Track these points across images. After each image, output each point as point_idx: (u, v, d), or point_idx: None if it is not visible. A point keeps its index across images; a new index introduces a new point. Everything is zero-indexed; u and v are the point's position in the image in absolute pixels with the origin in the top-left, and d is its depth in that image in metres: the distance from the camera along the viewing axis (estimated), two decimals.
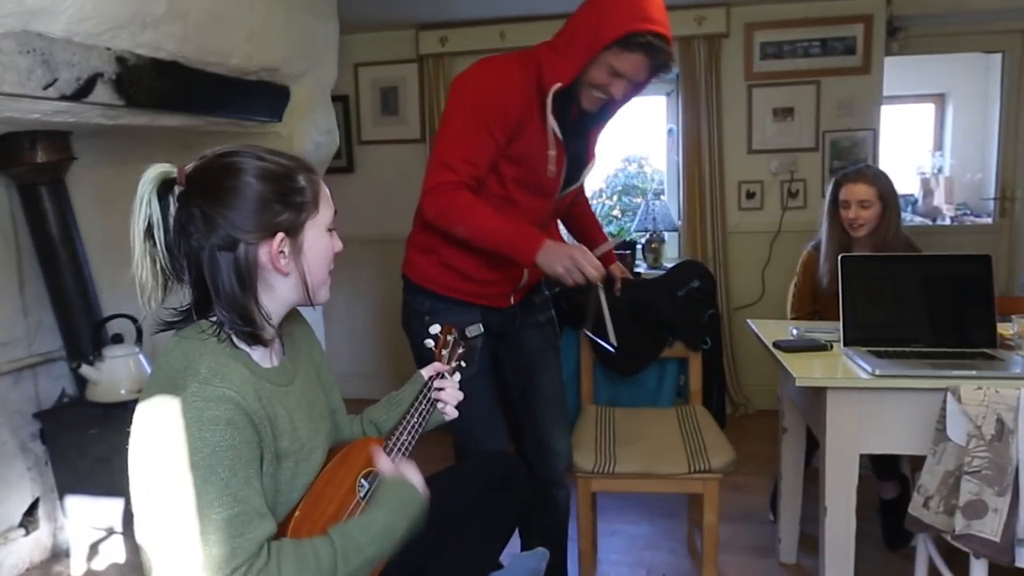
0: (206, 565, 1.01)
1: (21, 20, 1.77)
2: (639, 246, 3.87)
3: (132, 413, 1.09)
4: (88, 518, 2.37)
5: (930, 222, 4.38)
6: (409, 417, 1.40)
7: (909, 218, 4.38)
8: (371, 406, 1.52)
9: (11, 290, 2.44)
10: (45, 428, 2.47)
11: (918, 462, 1.75)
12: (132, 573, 2.33)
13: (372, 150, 4.17)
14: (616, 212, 5.02)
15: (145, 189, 1.11)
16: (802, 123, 3.74)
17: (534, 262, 1.68)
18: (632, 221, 4.11)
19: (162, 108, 2.25)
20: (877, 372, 1.71)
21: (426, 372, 1.49)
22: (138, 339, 2.47)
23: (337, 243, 1.23)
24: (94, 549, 2.37)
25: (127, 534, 2.31)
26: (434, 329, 1.53)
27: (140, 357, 2.43)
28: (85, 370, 2.36)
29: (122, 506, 2.29)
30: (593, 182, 4.85)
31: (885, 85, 3.66)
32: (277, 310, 1.19)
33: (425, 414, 1.42)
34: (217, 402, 1.03)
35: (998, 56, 3.98)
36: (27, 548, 2.48)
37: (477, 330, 1.57)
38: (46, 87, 1.86)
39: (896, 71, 3.83)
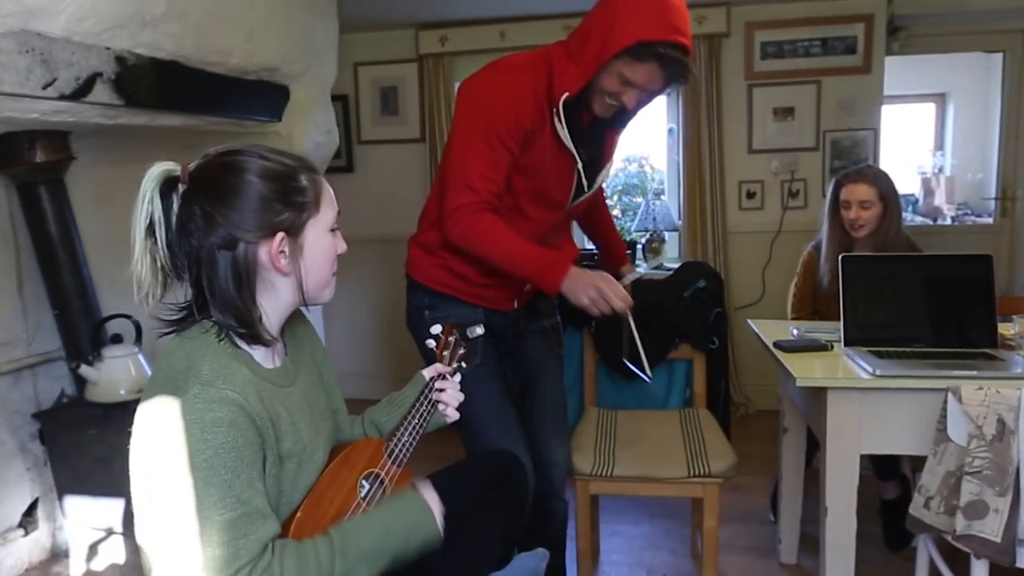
0: (209, 566, 1.01)
1: (20, 19, 1.76)
2: (639, 246, 3.87)
3: (131, 413, 1.09)
4: (87, 518, 2.37)
5: (931, 222, 4.37)
6: (410, 418, 1.39)
7: (910, 218, 4.37)
8: (372, 407, 1.51)
9: (10, 290, 2.44)
10: (44, 428, 2.46)
11: (919, 462, 1.74)
12: (132, 574, 2.33)
13: (372, 150, 4.17)
14: (616, 212, 5.02)
15: (148, 186, 1.11)
16: (803, 123, 3.73)
17: (559, 290, 1.63)
18: (632, 221, 4.11)
19: (161, 108, 2.25)
20: (878, 372, 1.71)
21: (427, 373, 1.49)
22: (137, 339, 2.47)
23: (341, 244, 1.23)
24: (93, 549, 2.37)
25: (127, 535, 2.31)
26: (435, 329, 1.52)
27: (139, 357, 2.43)
28: (84, 370, 2.35)
29: (121, 506, 2.29)
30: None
31: (886, 85, 3.66)
32: (278, 311, 1.18)
33: (426, 415, 1.42)
34: (220, 404, 1.02)
35: (999, 56, 3.97)
36: (26, 548, 2.48)
37: (479, 330, 1.56)
38: (45, 87, 1.85)
39: (897, 71, 3.83)
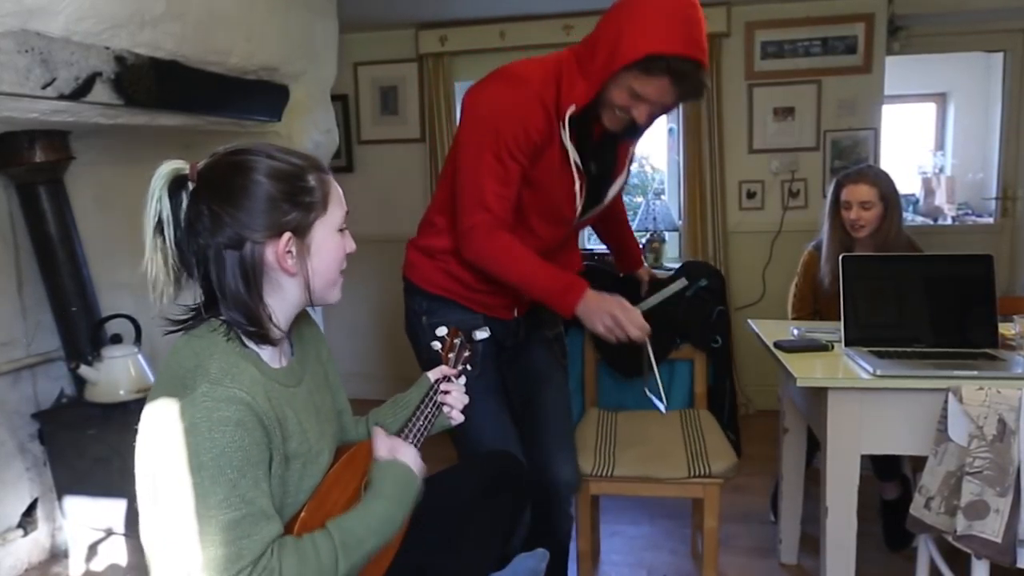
0: (211, 566, 1.01)
1: (19, 19, 1.76)
2: (640, 246, 3.86)
3: (131, 414, 1.09)
4: (87, 519, 2.36)
5: (931, 222, 4.36)
6: (415, 420, 1.39)
7: (910, 218, 4.37)
8: (376, 408, 1.51)
9: (10, 290, 2.44)
10: (44, 428, 2.46)
11: (919, 463, 1.74)
12: (132, 574, 2.33)
13: (372, 149, 4.17)
14: None
15: (156, 185, 1.10)
16: (803, 123, 3.73)
17: (573, 315, 1.59)
18: (632, 221, 4.09)
19: (161, 108, 2.24)
20: (878, 372, 1.70)
21: (432, 375, 1.48)
22: (137, 339, 2.46)
23: (350, 243, 1.22)
24: (93, 550, 2.37)
25: (128, 535, 2.30)
26: (441, 331, 1.52)
27: (139, 357, 2.42)
28: (84, 370, 2.35)
29: (121, 507, 2.29)
30: None
31: (886, 84, 3.65)
32: (286, 310, 1.18)
33: (431, 417, 1.41)
34: (228, 403, 1.02)
35: (999, 55, 3.96)
36: (25, 549, 2.48)
37: (484, 333, 1.56)
38: (44, 86, 1.85)
39: (897, 70, 3.82)
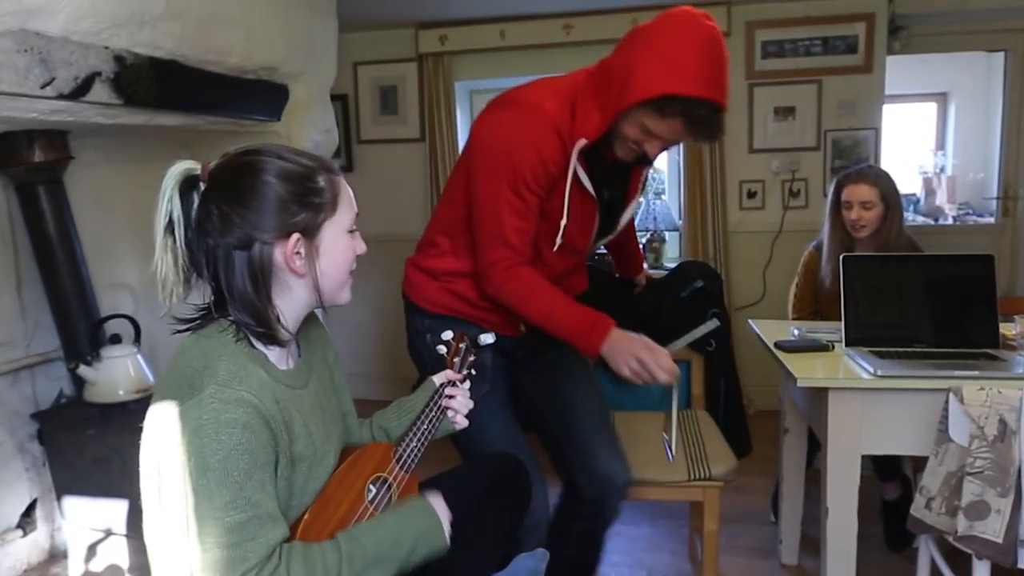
0: (216, 568, 1.00)
1: (18, 19, 1.76)
2: (640, 246, 3.85)
3: (130, 414, 1.09)
4: (86, 519, 2.36)
5: (932, 222, 4.35)
6: (419, 424, 1.39)
7: (911, 218, 4.36)
8: (381, 411, 1.50)
9: (9, 290, 2.44)
10: (43, 429, 2.46)
11: (920, 463, 1.74)
12: (132, 575, 2.32)
13: (371, 149, 4.16)
14: None
15: (168, 184, 1.11)
16: (804, 122, 3.72)
17: (598, 355, 1.56)
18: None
19: (160, 107, 2.24)
20: (879, 372, 1.70)
21: (438, 379, 1.48)
22: (136, 339, 2.46)
23: (359, 245, 1.22)
24: (92, 550, 2.36)
25: (130, 536, 2.30)
26: (446, 335, 1.52)
27: (138, 358, 2.42)
28: (83, 370, 2.34)
29: (120, 507, 2.28)
30: None
31: (887, 84, 3.65)
32: (294, 312, 1.17)
33: (435, 421, 1.41)
34: (235, 405, 1.02)
35: (1000, 55, 3.96)
36: (25, 549, 2.47)
37: (490, 338, 1.55)
38: (44, 86, 1.85)
39: (898, 70, 3.82)
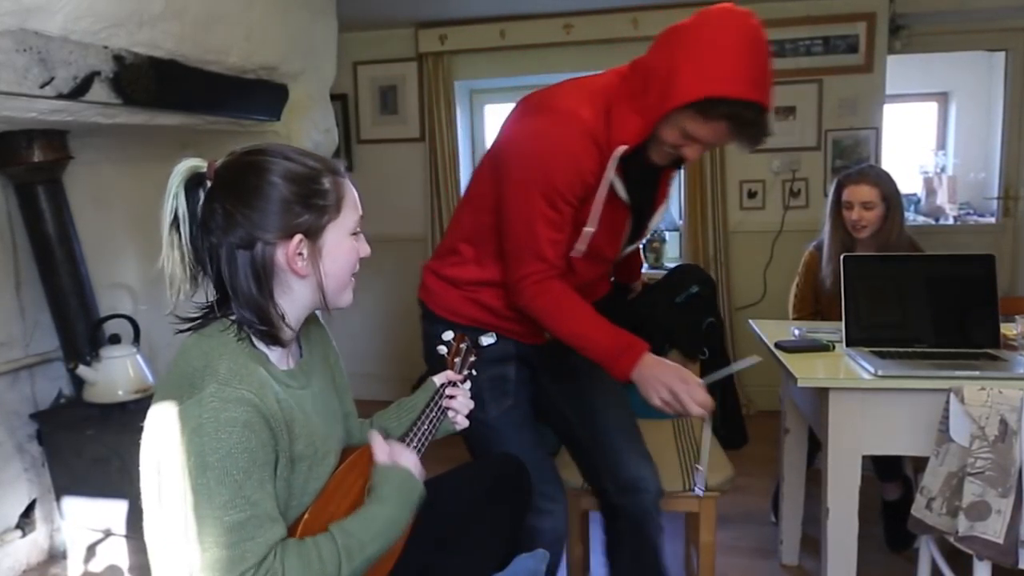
0: (214, 567, 1.00)
1: (17, 18, 1.76)
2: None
3: (130, 414, 1.09)
4: (85, 519, 2.35)
5: (933, 221, 4.34)
6: (419, 424, 1.38)
7: (912, 217, 4.35)
8: (381, 411, 1.50)
9: (8, 290, 2.44)
10: (42, 429, 2.46)
11: (921, 463, 1.73)
12: (132, 575, 2.32)
13: (371, 149, 4.16)
14: None
15: (174, 182, 1.11)
16: (804, 122, 3.71)
17: (628, 380, 1.51)
18: None
19: (160, 107, 2.24)
20: (879, 373, 1.70)
21: (438, 379, 1.47)
22: (136, 340, 2.46)
23: (363, 247, 1.21)
24: (91, 551, 2.36)
25: (129, 536, 2.29)
26: (447, 336, 1.52)
27: (137, 358, 2.41)
28: (82, 371, 2.34)
29: (119, 507, 2.27)
30: None
31: (888, 84, 3.64)
32: (295, 312, 1.17)
33: (436, 422, 1.41)
34: (236, 404, 1.01)
35: (1001, 55, 3.95)
36: (24, 550, 2.47)
37: (490, 339, 1.54)
38: (43, 86, 1.85)
39: (899, 69, 3.81)
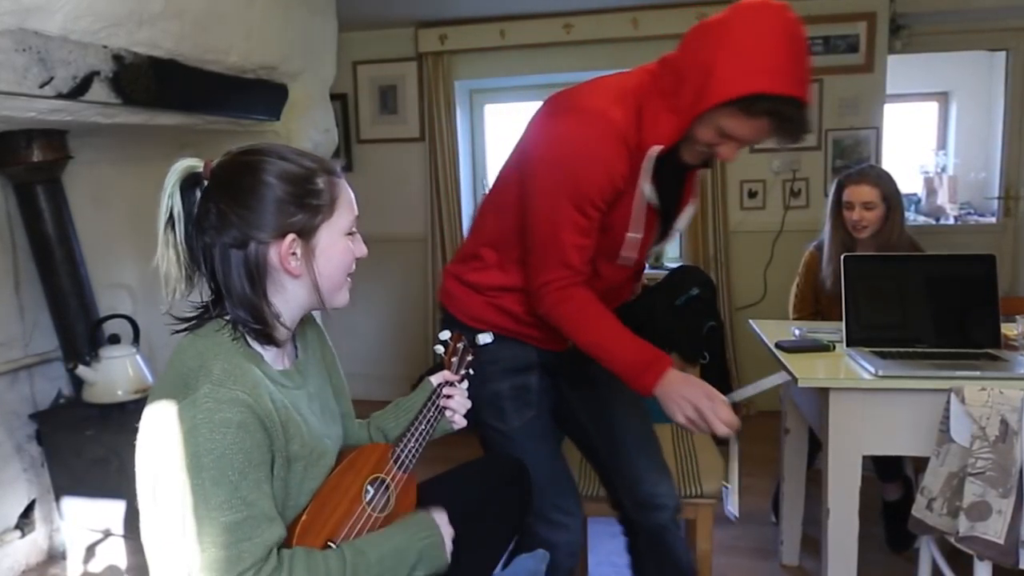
0: (212, 568, 1.00)
1: (17, 18, 1.76)
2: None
3: (129, 414, 1.09)
4: (85, 520, 2.35)
5: (933, 221, 4.34)
6: (417, 424, 1.38)
7: (912, 217, 4.35)
8: (378, 412, 1.50)
9: (7, 290, 2.43)
10: (41, 429, 2.45)
11: (921, 463, 1.73)
12: (131, 575, 2.32)
13: (371, 149, 4.15)
14: None
15: (169, 181, 1.11)
16: None
17: (650, 395, 1.47)
18: None
19: (159, 107, 2.24)
20: (880, 373, 1.69)
21: (435, 379, 1.47)
22: (135, 340, 2.45)
23: (359, 248, 1.21)
24: (91, 551, 2.36)
25: (126, 536, 2.30)
26: (444, 335, 1.52)
27: (137, 358, 2.41)
28: (82, 371, 2.34)
29: (119, 508, 2.28)
30: None
31: (888, 83, 3.64)
32: (290, 312, 1.17)
33: (433, 421, 1.41)
34: (230, 404, 1.01)
35: (1002, 54, 3.94)
36: (23, 550, 2.47)
37: (488, 337, 1.54)
38: (42, 85, 1.84)
39: (899, 69, 3.81)
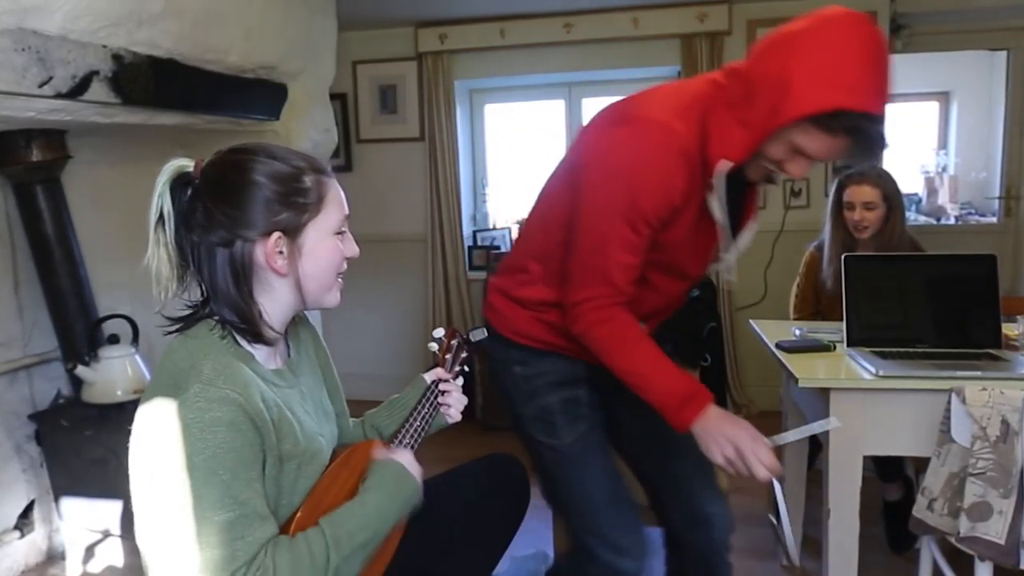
0: (206, 567, 1.00)
1: (16, 17, 1.76)
2: None
3: (128, 414, 1.08)
4: (84, 520, 2.35)
5: (934, 221, 4.33)
6: (412, 421, 1.39)
7: (913, 217, 4.34)
8: (372, 410, 1.50)
9: (6, 290, 2.43)
10: (40, 429, 2.45)
11: (922, 464, 1.73)
12: (130, 575, 2.32)
13: (371, 149, 4.15)
14: None
15: (160, 180, 1.11)
16: None
17: (687, 431, 1.37)
18: None
19: (159, 106, 2.24)
20: (881, 373, 1.69)
21: (428, 376, 1.47)
22: (134, 340, 2.45)
23: (350, 247, 1.20)
24: (90, 551, 2.36)
25: (125, 537, 2.30)
26: (437, 333, 1.52)
27: (136, 358, 2.41)
28: (81, 371, 2.34)
29: (118, 508, 2.28)
30: None
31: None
32: (278, 311, 1.16)
33: (428, 418, 1.41)
34: (220, 403, 1.01)
35: (1003, 54, 3.94)
36: (22, 551, 2.47)
37: (482, 334, 1.54)
38: (41, 85, 1.84)
39: (900, 69, 3.72)
